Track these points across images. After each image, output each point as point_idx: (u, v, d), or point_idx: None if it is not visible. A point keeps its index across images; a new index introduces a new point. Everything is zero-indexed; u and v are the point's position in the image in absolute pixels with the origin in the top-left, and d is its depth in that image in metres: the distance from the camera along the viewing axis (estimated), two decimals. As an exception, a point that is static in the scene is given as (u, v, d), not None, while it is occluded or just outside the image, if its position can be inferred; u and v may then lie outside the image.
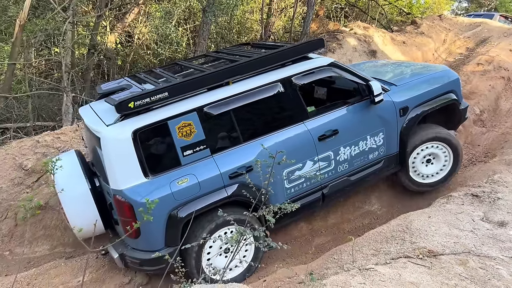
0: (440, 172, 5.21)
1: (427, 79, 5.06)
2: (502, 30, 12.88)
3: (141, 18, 10.81)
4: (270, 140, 4.07)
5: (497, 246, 3.38)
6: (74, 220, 3.85)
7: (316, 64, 4.36)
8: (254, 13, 9.69)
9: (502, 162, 5.48)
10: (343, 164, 4.58)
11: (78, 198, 3.90)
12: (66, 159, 4.02)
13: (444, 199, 4.51)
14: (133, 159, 3.62)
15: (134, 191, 3.63)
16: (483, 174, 5.19)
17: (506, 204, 4.10)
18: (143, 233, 3.72)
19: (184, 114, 3.77)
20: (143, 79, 4.46)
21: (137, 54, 10.90)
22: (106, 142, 3.60)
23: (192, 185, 3.77)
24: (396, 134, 4.81)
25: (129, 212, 3.60)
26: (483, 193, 4.38)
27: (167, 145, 3.78)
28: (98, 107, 4.17)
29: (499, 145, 6.36)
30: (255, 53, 4.49)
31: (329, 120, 4.40)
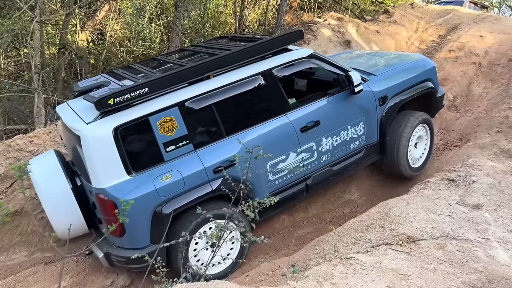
0: (423, 154, 5.52)
1: (404, 68, 5.18)
2: (471, 16, 13.15)
3: (112, 15, 10.57)
4: (253, 133, 4.08)
5: (473, 228, 3.47)
6: (56, 221, 3.81)
7: (296, 55, 4.39)
8: (228, 6, 9.59)
9: (476, 146, 5.60)
10: (326, 154, 4.62)
11: (60, 197, 3.82)
12: (45, 159, 4.03)
13: (421, 185, 4.59)
14: (114, 156, 3.55)
15: (117, 189, 3.55)
16: (458, 158, 5.28)
17: (481, 187, 4.21)
18: (128, 231, 3.65)
19: (165, 110, 3.71)
20: (121, 75, 4.36)
21: (110, 52, 10.67)
22: (86, 141, 3.51)
23: (176, 181, 3.72)
24: (376, 123, 4.93)
25: (112, 211, 3.47)
26: (459, 177, 4.48)
27: (149, 141, 3.71)
28: (76, 105, 4.05)
29: (472, 130, 6.49)
30: (235, 46, 4.43)
31: (310, 112, 4.42)
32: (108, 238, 3.87)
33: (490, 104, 7.30)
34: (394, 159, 5.12)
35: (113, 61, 10.78)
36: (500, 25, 11.63)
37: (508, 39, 10.07)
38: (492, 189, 4.18)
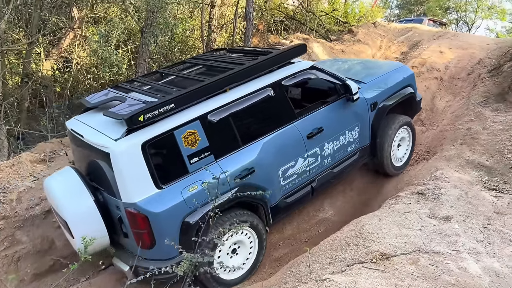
0: (405, 154, 6.00)
1: (389, 75, 5.62)
2: (431, 33, 13.71)
3: (78, 42, 10.44)
4: (266, 142, 4.30)
5: (444, 241, 3.52)
6: (80, 235, 3.68)
7: (299, 67, 4.65)
8: (195, 30, 9.65)
9: (443, 158, 5.75)
10: (327, 158, 4.92)
11: (85, 213, 3.80)
12: (64, 176, 4.02)
13: (392, 200, 4.66)
14: (144, 171, 3.64)
15: (147, 202, 3.62)
16: (426, 171, 5.40)
17: (449, 199, 4.30)
18: (158, 242, 3.70)
19: (188, 123, 3.84)
20: (130, 89, 4.46)
21: (76, 79, 10.48)
22: (116, 157, 3.55)
23: (201, 191, 3.75)
24: (369, 127, 5.32)
25: (143, 224, 3.61)
26: (428, 190, 4.57)
27: (175, 154, 3.81)
28: (91, 121, 4.09)
29: (438, 142, 6.67)
30: (244, 60, 4.62)
31: (314, 119, 4.71)
32: (132, 251, 3.93)
33: (453, 117, 7.55)
34: (383, 159, 5.54)
35: (80, 88, 10.58)
36: (458, 41, 12.14)
37: (466, 54, 10.51)
38: (460, 200, 4.28)
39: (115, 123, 3.73)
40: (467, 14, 29.65)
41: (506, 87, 7.66)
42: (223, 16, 9.02)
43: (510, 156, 5.47)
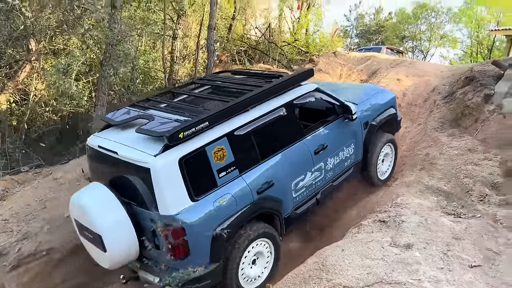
0: (389, 168, 6.50)
1: (375, 97, 6.23)
2: (389, 61, 14.23)
3: (36, 74, 10.15)
4: (281, 157, 4.69)
5: (405, 270, 3.53)
6: (113, 249, 3.94)
7: (306, 89, 5.12)
8: (157, 61, 9.62)
9: (403, 185, 5.87)
10: (329, 172, 5.34)
11: (118, 226, 3.95)
12: (96, 191, 4.13)
13: (355, 229, 4.67)
14: (180, 185, 3.88)
15: (184, 214, 3.86)
16: (388, 198, 5.48)
17: (410, 226, 4.35)
18: (192, 252, 3.93)
19: (218, 140, 4.15)
20: (149, 107, 4.74)
21: (34, 112, 10.12)
22: (156, 171, 3.77)
23: (230, 203, 4.13)
24: (362, 144, 5.84)
25: (179, 235, 3.83)
26: (389, 218, 4.62)
27: (206, 169, 4.09)
28: (118, 137, 4.28)
29: (399, 168, 6.82)
30: (259, 83, 5.07)
31: (320, 136, 5.17)
32: (159, 263, 4.07)
33: (412, 143, 7.77)
34: (371, 173, 6.07)
35: (39, 121, 10.21)
36: (414, 69, 12.65)
37: (422, 81, 10.94)
38: (420, 227, 4.34)
39: (148, 140, 3.99)
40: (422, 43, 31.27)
41: (460, 113, 8.00)
42: (185, 48, 9.06)
43: (466, 181, 5.64)
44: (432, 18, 30.78)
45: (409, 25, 31.89)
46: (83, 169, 5.45)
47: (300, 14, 17.50)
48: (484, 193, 5.32)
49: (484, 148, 6.51)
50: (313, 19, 18.32)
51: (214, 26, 7.29)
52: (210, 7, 7.26)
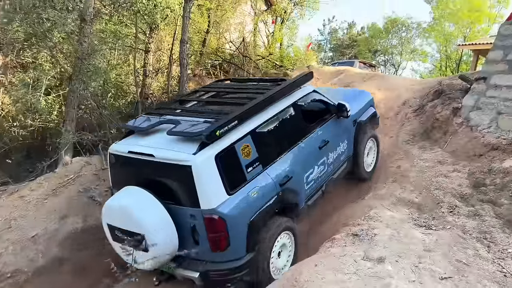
0: (373, 161, 7.09)
1: (359, 98, 6.92)
2: (362, 75, 14.50)
3: (3, 88, 9.84)
4: (294, 152, 5.10)
5: (378, 284, 3.52)
6: (156, 248, 4.08)
7: (306, 91, 5.65)
8: (130, 75, 9.49)
9: (376, 197, 5.92)
10: (331, 166, 5.82)
11: (161, 224, 4.12)
12: (133, 193, 4.24)
13: (329, 243, 4.64)
14: (218, 180, 4.15)
15: (224, 207, 4.12)
16: (361, 211, 5.50)
17: (382, 239, 4.37)
18: (232, 243, 4.19)
19: (244, 137, 4.49)
20: (166, 113, 4.97)
21: (1, 128, 9.78)
22: (197, 168, 4.02)
23: (260, 195, 4.45)
24: (352, 140, 6.37)
25: (221, 227, 4.08)
26: (362, 231, 4.62)
27: (237, 164, 4.39)
28: (146, 142, 4.45)
29: (372, 181, 6.90)
30: (267, 87, 5.47)
31: (322, 133, 5.62)
32: (200, 258, 4.30)
33: (384, 155, 7.87)
34: (360, 166, 6.60)
35: (6, 136, 9.87)
36: (386, 82, 12.93)
37: (393, 95, 11.19)
38: (392, 240, 4.36)
39: (180, 141, 4.25)
40: (394, 57, 32.11)
41: (429, 126, 8.18)
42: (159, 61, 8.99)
43: (436, 192, 5.74)
44: (403, 33, 31.71)
45: (381, 40, 32.73)
46: None
47: (274, 29, 17.70)
48: (454, 204, 5.41)
49: (453, 160, 6.66)
50: (287, 34, 18.56)
51: (186, 40, 7.26)
52: (183, 21, 7.23)
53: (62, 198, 6.04)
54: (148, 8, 7.33)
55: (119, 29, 7.93)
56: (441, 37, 27.71)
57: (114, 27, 7.82)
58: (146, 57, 8.74)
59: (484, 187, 5.55)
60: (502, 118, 6.52)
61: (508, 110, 6.46)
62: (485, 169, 5.84)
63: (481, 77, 7.46)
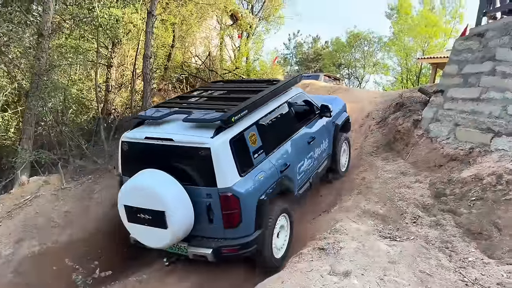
0: (346, 161, 7.79)
1: (335, 103, 7.53)
2: (327, 88, 14.79)
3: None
4: (289, 144, 5.67)
5: (344, 299, 3.51)
6: (174, 224, 4.40)
7: (295, 91, 6.37)
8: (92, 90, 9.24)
9: (342, 210, 5.96)
10: (316, 160, 6.44)
11: (180, 201, 4.46)
12: (154, 174, 4.57)
13: (296, 258, 4.61)
14: (232, 161, 4.57)
15: (238, 186, 4.54)
16: (327, 224, 5.52)
17: (348, 252, 4.38)
18: (244, 220, 4.61)
19: (251, 126, 5.00)
20: (174, 106, 5.41)
21: (-46, 146, 9.27)
22: (216, 150, 4.44)
23: (265, 178, 4.93)
24: (332, 139, 7.09)
25: (235, 204, 4.50)
26: (328, 245, 4.62)
27: (246, 150, 4.85)
28: (161, 129, 4.85)
29: (338, 193, 6.96)
30: (263, 86, 6.01)
31: (309, 130, 6.28)
32: (212, 236, 4.71)
33: (350, 167, 8.00)
34: (337, 164, 7.32)
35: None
36: (350, 95, 13.23)
37: (357, 107, 11.45)
38: (358, 253, 4.38)
39: (195, 128, 4.67)
40: (357, 70, 32.98)
41: (392, 138, 8.39)
42: (122, 76, 8.81)
43: (400, 203, 5.85)
44: (365, 47, 32.70)
45: (345, 54, 33.60)
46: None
47: (240, 43, 17.82)
48: (417, 215, 5.52)
49: (415, 171, 6.83)
50: (253, 48, 18.73)
51: (150, 55, 7.16)
52: (146, 36, 7.14)
53: (18, 220, 5.75)
54: (110, 22, 7.18)
55: (80, 44, 7.74)
56: (401, 51, 28.75)
57: (75, 41, 7.61)
58: (109, 72, 8.55)
59: (445, 197, 5.70)
60: (459, 129, 6.76)
61: (465, 122, 6.71)
62: (445, 179, 6.02)
63: (439, 90, 7.75)
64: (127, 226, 4.78)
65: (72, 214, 5.83)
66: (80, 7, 7.55)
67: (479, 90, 6.70)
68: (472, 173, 5.68)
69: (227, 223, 4.56)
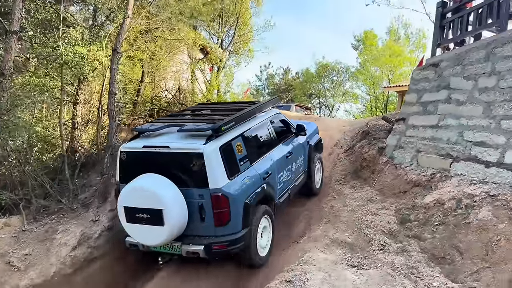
0: (320, 178, 8.49)
1: (309, 126, 8.33)
2: (298, 117, 15.04)
3: None
4: (270, 156, 6.35)
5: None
6: (170, 222, 4.93)
7: (274, 111, 7.23)
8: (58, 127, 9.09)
9: (310, 240, 5.96)
10: (294, 173, 7.11)
11: (176, 202, 5.01)
12: (151, 177, 5.13)
13: (264, 292, 4.56)
14: (221, 166, 5.17)
15: (227, 187, 5.12)
16: (295, 255, 5.50)
17: (314, 283, 4.36)
18: (232, 219, 5.16)
19: (237, 137, 5.67)
20: (166, 121, 6.15)
21: None
22: (208, 155, 5.05)
23: (251, 183, 5.54)
24: (307, 157, 7.83)
25: (225, 203, 5.06)
26: (295, 277, 4.59)
27: (233, 157, 5.46)
28: (156, 140, 5.50)
29: (307, 223, 6.97)
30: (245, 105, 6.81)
31: (287, 146, 7.05)
32: (203, 234, 5.21)
33: (319, 196, 8.06)
34: (312, 181, 7.97)
35: None
36: (320, 124, 13.39)
37: (326, 136, 11.65)
38: (324, 283, 4.36)
39: (188, 137, 5.36)
40: (327, 99, 33.75)
41: (359, 165, 8.55)
42: (89, 113, 8.74)
43: (367, 231, 5.91)
44: (334, 77, 33.65)
45: (314, 84, 34.44)
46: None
47: (211, 76, 18.02)
48: (384, 241, 5.58)
49: (381, 198, 6.96)
50: (224, 80, 18.96)
51: (115, 92, 7.17)
52: (111, 73, 7.17)
53: (-26, 266, 5.46)
54: (75, 60, 7.19)
55: (45, 81, 7.68)
56: (368, 80, 29.70)
57: (39, 80, 7.55)
58: (75, 109, 8.47)
59: (410, 223, 5.81)
60: (421, 156, 6.97)
61: (426, 148, 6.93)
62: (410, 205, 6.15)
63: (401, 118, 8.02)
64: (125, 226, 5.25)
65: (33, 257, 5.60)
66: (45, 45, 7.53)
67: (437, 117, 6.98)
68: (434, 198, 5.83)
69: (218, 221, 5.09)
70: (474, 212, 5.11)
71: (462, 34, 7.54)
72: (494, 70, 6.07)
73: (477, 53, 6.52)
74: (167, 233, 4.98)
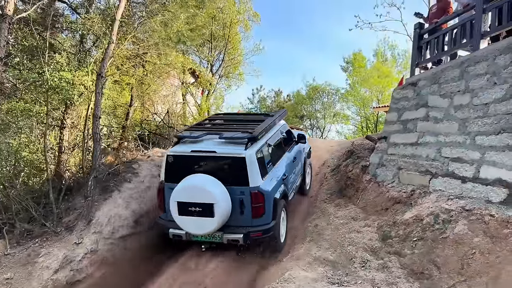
0: (309, 181, 9.74)
1: (303, 135, 9.12)
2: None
3: None
4: (284, 160, 7.48)
5: None
6: (219, 214, 5.86)
7: (282, 122, 8.46)
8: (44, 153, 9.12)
9: (293, 258, 5.98)
10: (296, 176, 8.22)
11: (223, 197, 5.96)
12: (201, 177, 6.09)
13: (243, 311, 4.56)
14: (257, 168, 6.20)
15: (263, 186, 6.17)
16: (277, 274, 5.51)
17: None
18: (266, 212, 6.16)
19: (264, 144, 6.76)
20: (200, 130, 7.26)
21: None
22: (248, 158, 6.08)
23: (277, 183, 6.62)
24: (303, 162, 9.00)
25: (262, 199, 6.07)
26: (275, 295, 4.61)
27: (264, 161, 6.51)
28: (201, 145, 6.46)
29: (291, 241, 7.00)
30: (262, 117, 8.22)
31: (292, 152, 8.19)
32: (241, 224, 6.16)
33: (304, 215, 8.11)
34: (306, 184, 9.35)
35: None
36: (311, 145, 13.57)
37: (315, 156, 11.77)
38: (302, 301, 4.38)
39: (228, 143, 6.37)
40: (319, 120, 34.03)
41: (343, 184, 8.64)
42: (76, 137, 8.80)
43: (349, 248, 5.95)
44: (324, 98, 34.05)
45: (306, 105, 34.79)
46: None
47: (201, 99, 18.22)
48: (366, 258, 5.62)
49: (364, 215, 7.02)
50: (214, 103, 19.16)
51: (99, 115, 7.27)
52: (95, 97, 7.28)
53: (-46, 292, 5.42)
54: (61, 85, 7.31)
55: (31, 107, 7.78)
56: (358, 101, 30.08)
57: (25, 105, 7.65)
58: (62, 133, 8.54)
59: (390, 239, 5.86)
60: (402, 173, 7.08)
61: (406, 165, 7.05)
62: (391, 222, 6.21)
63: (383, 136, 8.16)
64: (176, 219, 6.04)
65: (14, 281, 5.56)
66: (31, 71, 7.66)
67: (416, 135, 7.12)
68: (413, 214, 5.90)
69: (255, 213, 6.06)
70: (450, 226, 5.18)
71: (438, 54, 7.77)
72: (468, 88, 6.25)
73: (452, 72, 6.72)
74: (216, 223, 5.86)
